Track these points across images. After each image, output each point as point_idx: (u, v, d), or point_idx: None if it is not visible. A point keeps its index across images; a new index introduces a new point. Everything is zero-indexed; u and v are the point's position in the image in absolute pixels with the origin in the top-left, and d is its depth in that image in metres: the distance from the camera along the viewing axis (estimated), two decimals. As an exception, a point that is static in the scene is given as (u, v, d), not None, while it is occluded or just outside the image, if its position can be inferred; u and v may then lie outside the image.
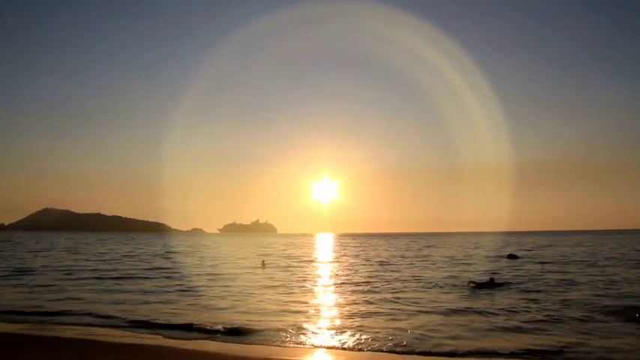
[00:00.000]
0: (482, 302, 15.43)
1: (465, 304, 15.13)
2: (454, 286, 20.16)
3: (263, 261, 33.48)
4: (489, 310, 13.55)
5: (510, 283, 20.76)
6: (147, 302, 16.07)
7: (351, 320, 12.36)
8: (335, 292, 18.62)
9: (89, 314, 13.72)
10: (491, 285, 19.61)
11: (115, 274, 25.29)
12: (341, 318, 12.85)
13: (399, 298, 16.81)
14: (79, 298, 16.74)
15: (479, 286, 19.38)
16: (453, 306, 14.60)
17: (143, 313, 13.67)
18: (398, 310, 14.22)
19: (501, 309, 14.04)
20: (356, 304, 15.11)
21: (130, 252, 52.63)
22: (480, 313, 13.21)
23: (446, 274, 26.17)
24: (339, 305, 15.13)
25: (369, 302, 15.73)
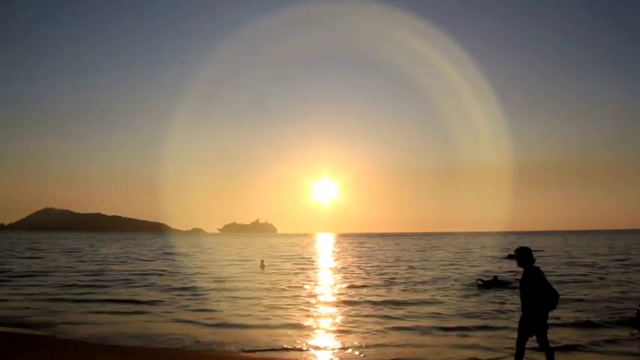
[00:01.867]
0: (492, 309, 14.95)
1: (478, 312, 14.61)
2: (462, 289, 19.87)
3: (262, 261, 33.13)
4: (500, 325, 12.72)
5: (511, 283, 20.73)
6: (134, 313, 15.46)
7: (359, 334, 11.41)
8: (338, 297, 17.98)
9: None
10: (494, 283, 20.10)
11: (103, 279, 24.68)
12: (347, 331, 11.82)
13: (406, 302, 16.29)
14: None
15: (486, 284, 19.96)
16: (469, 317, 13.77)
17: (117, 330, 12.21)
18: (407, 319, 13.54)
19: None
20: (362, 313, 14.23)
21: (126, 253, 52.46)
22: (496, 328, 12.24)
23: (449, 274, 26.09)
24: (345, 315, 14.14)
25: (374, 308, 15.13)
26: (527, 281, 7.16)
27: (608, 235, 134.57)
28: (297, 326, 12.38)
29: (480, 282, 20.49)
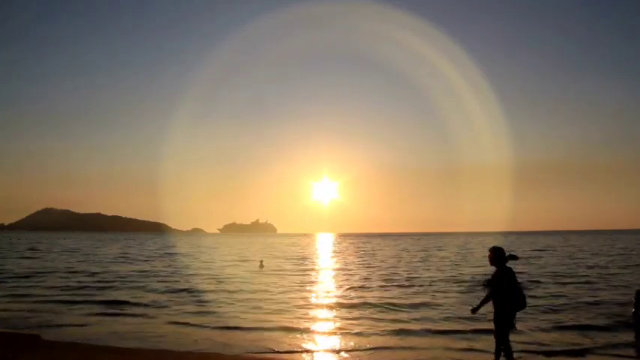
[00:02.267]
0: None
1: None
2: (463, 289, 19.86)
3: (261, 261, 33.00)
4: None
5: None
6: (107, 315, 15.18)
7: (357, 337, 11.18)
8: (337, 299, 17.75)
9: None
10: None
11: (102, 280, 24.46)
12: (345, 333, 11.54)
13: (406, 305, 16.07)
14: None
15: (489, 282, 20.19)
16: (470, 319, 13.32)
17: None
18: (406, 321, 13.31)
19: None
20: (361, 315, 14.01)
21: (126, 253, 52.32)
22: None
23: (450, 274, 26.07)
24: (343, 317, 13.92)
25: (374, 310, 14.93)
26: (499, 281, 7.42)
27: (608, 235, 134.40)
28: (294, 328, 12.22)
29: (484, 283, 20.81)
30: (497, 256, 7.50)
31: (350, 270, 30.55)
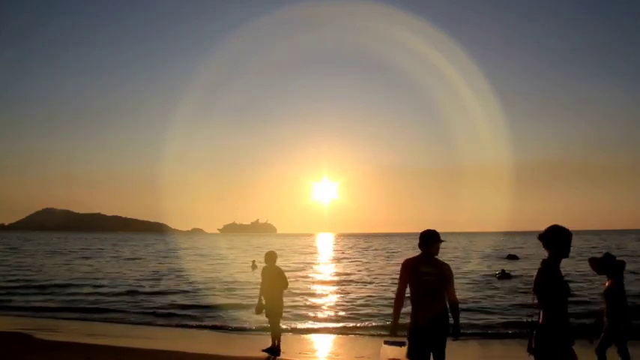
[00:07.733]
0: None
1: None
2: (465, 288, 19.95)
3: (253, 262, 32.44)
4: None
5: (515, 278, 23.22)
6: None
7: (355, 343, 10.93)
8: (334, 302, 17.31)
9: None
10: (502, 277, 23.04)
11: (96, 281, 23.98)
12: (341, 341, 11.25)
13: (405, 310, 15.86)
14: None
15: (500, 277, 22.95)
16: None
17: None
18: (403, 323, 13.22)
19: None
20: (359, 318, 13.71)
21: (116, 255, 52.19)
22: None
23: (458, 272, 26.11)
24: (341, 322, 13.47)
25: (374, 311, 14.62)
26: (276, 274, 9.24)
27: (607, 235, 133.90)
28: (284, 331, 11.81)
29: (497, 275, 23.28)
30: (274, 259, 9.16)
31: (348, 271, 30.23)
